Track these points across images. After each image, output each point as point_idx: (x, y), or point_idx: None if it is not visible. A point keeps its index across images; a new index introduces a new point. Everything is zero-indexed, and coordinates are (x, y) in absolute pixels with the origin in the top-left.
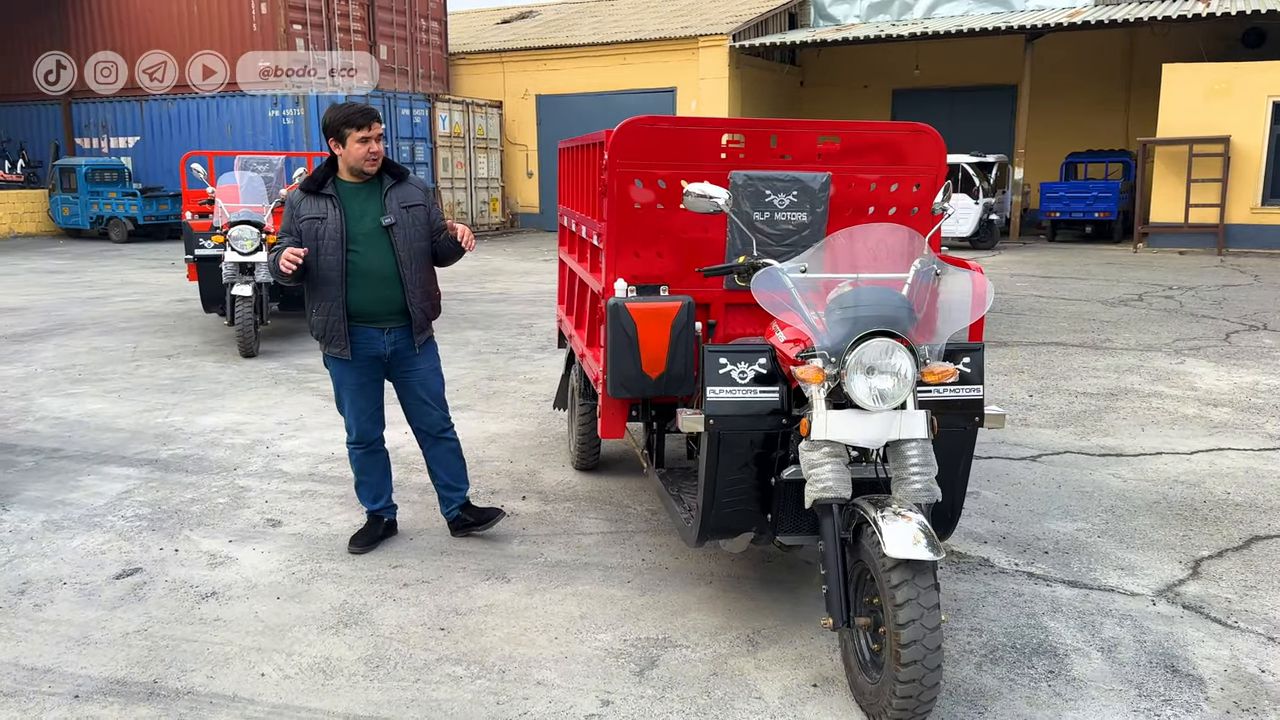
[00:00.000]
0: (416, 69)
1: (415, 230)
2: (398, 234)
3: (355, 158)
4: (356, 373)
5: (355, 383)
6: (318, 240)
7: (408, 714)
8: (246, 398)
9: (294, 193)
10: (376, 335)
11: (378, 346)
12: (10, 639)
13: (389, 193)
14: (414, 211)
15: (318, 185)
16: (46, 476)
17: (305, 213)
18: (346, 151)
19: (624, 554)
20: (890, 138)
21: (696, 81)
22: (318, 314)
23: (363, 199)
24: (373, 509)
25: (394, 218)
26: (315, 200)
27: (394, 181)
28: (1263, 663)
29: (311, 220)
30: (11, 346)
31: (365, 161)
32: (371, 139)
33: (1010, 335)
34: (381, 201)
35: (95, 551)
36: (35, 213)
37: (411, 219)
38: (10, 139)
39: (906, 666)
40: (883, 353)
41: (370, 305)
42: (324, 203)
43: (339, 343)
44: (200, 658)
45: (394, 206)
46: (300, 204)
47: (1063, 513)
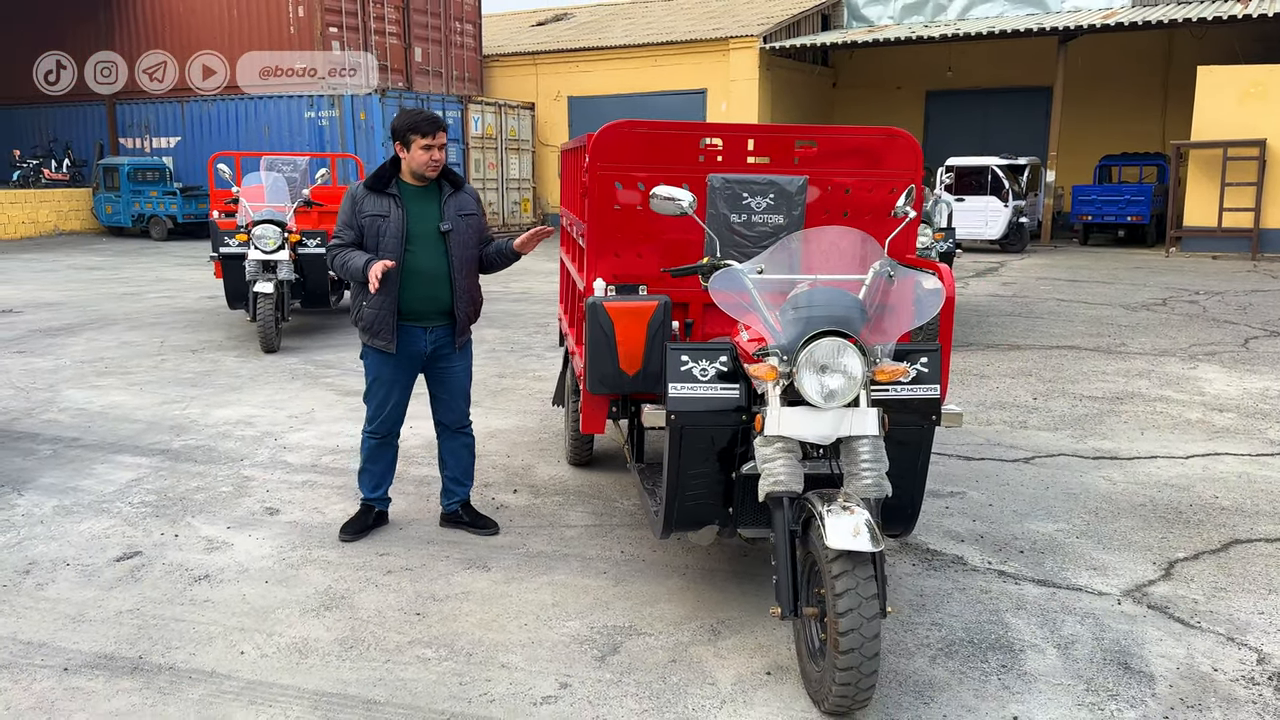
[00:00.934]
0: (451, 71)
1: (468, 237)
2: (453, 240)
3: (418, 163)
4: (394, 367)
5: (391, 377)
6: (379, 237)
7: (374, 692)
8: (263, 392)
9: (357, 187)
10: (420, 333)
11: (419, 344)
12: (10, 615)
13: (447, 200)
14: (468, 220)
15: (383, 184)
16: (63, 464)
17: (369, 209)
18: (410, 156)
19: (604, 546)
20: (866, 142)
21: (727, 83)
22: (369, 306)
23: (424, 202)
24: (369, 497)
25: (451, 224)
26: (379, 198)
27: (452, 190)
28: (1217, 662)
29: (374, 217)
30: (45, 340)
31: (427, 167)
32: (435, 147)
33: (1024, 339)
34: (440, 207)
35: (100, 535)
36: (80, 211)
37: (466, 226)
38: (57, 139)
39: (844, 654)
40: (833, 352)
41: (419, 304)
42: (388, 201)
43: (385, 336)
44: (186, 636)
45: (451, 214)
46: (364, 200)
47: (1045, 514)
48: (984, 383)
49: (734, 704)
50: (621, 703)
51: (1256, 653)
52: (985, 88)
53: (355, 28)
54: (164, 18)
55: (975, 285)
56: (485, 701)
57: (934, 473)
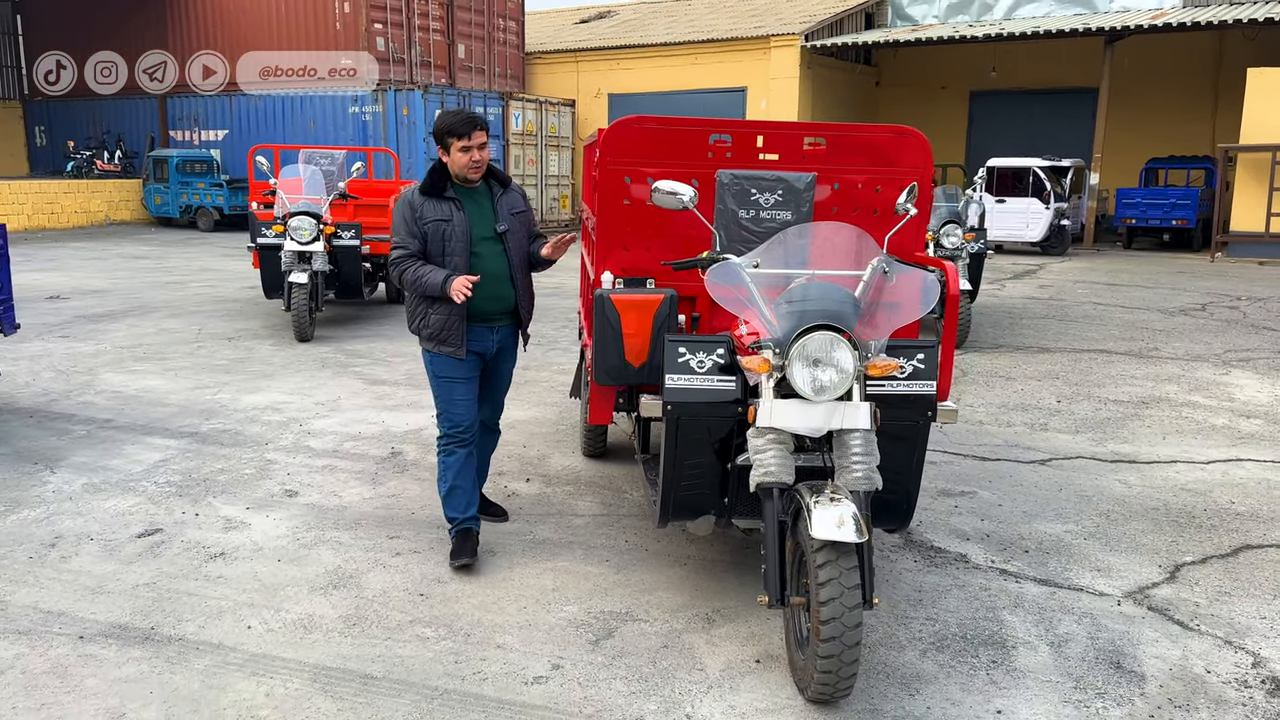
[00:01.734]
0: (493, 68)
1: (521, 236)
2: (510, 239)
3: (458, 165)
4: (466, 367)
5: (465, 376)
6: (444, 242)
7: (371, 667)
8: (293, 379)
9: (412, 194)
10: (487, 333)
11: (487, 343)
12: (35, 585)
13: (500, 200)
14: (520, 218)
15: (439, 189)
16: (95, 444)
17: (430, 215)
18: (451, 160)
19: (610, 535)
20: (877, 139)
21: (767, 81)
22: (435, 314)
23: (477, 204)
24: (463, 518)
25: (507, 224)
26: (438, 203)
27: (501, 189)
28: (1211, 664)
29: (437, 223)
30: (89, 326)
31: (468, 169)
32: (474, 148)
33: (1055, 342)
34: (493, 208)
35: (124, 512)
36: (130, 201)
37: (519, 225)
38: (110, 131)
39: (826, 643)
40: (824, 346)
41: (487, 305)
42: (448, 205)
43: (455, 342)
44: (197, 610)
45: (505, 213)
46: (422, 206)
47: (1055, 515)
48: (1009, 385)
49: (720, 689)
50: (610, 685)
51: (1253, 656)
52: (1030, 88)
53: (400, 24)
54: (215, 17)
55: (1011, 287)
56: (478, 680)
57: (947, 472)
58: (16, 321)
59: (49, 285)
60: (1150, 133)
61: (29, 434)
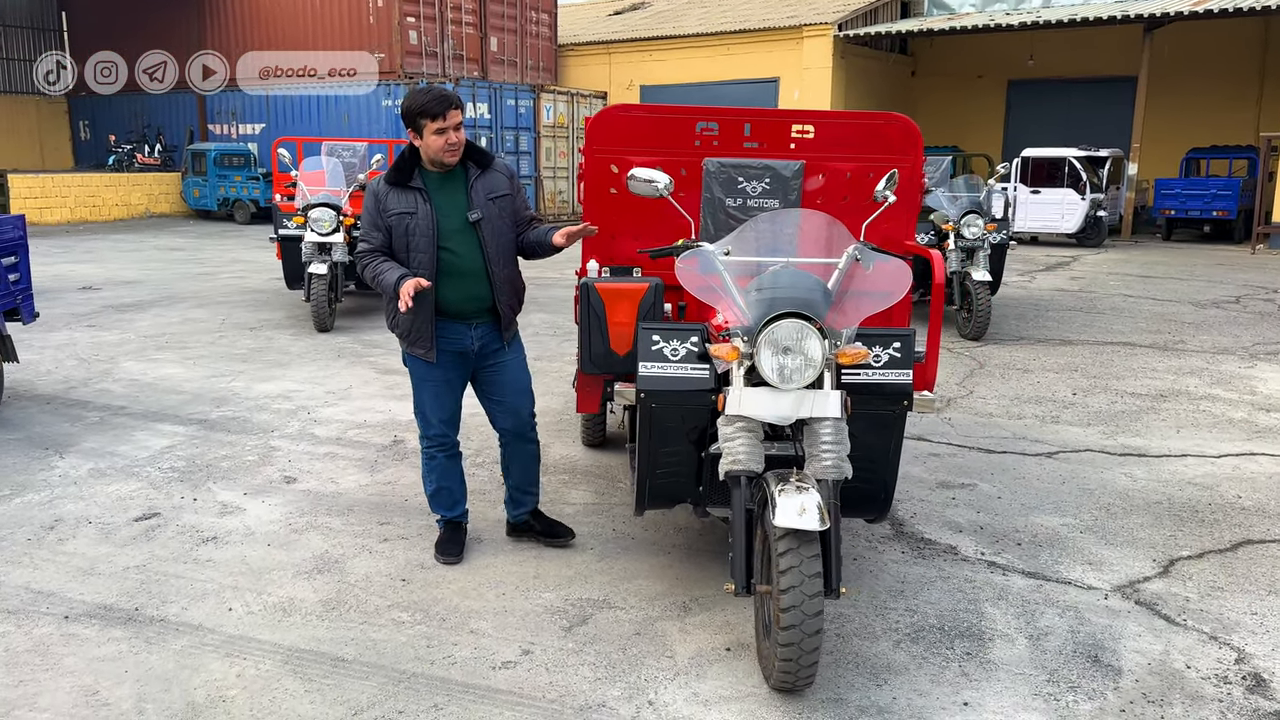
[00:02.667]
0: (525, 60)
1: (502, 223)
2: (485, 229)
3: (434, 149)
4: (442, 369)
5: (441, 378)
6: (408, 237)
7: (344, 650)
8: (307, 368)
9: (377, 184)
10: (464, 330)
11: (464, 342)
12: (29, 566)
13: (474, 184)
14: (500, 203)
15: (404, 177)
16: (106, 430)
17: (393, 207)
18: (424, 143)
19: (598, 524)
20: (864, 127)
21: (800, 71)
22: (402, 315)
23: (449, 191)
24: (450, 516)
25: (481, 212)
26: (402, 193)
27: (479, 171)
28: (1192, 659)
29: (401, 215)
30: (116, 315)
31: (444, 153)
32: (449, 129)
33: (1079, 334)
34: (467, 194)
35: (124, 497)
36: (170, 194)
37: (498, 210)
38: (150, 125)
39: (785, 630)
40: (792, 334)
41: (459, 303)
42: (412, 196)
43: (424, 344)
44: (182, 592)
45: (480, 199)
46: (386, 197)
47: (1054, 508)
48: (1025, 377)
49: (686, 676)
50: (577, 670)
51: (1237, 652)
52: (1068, 77)
53: (432, 17)
54: (254, 16)
55: (1042, 279)
56: (447, 664)
57: (950, 464)
58: (36, 310)
59: (83, 276)
60: (1192, 122)
61: (44, 420)
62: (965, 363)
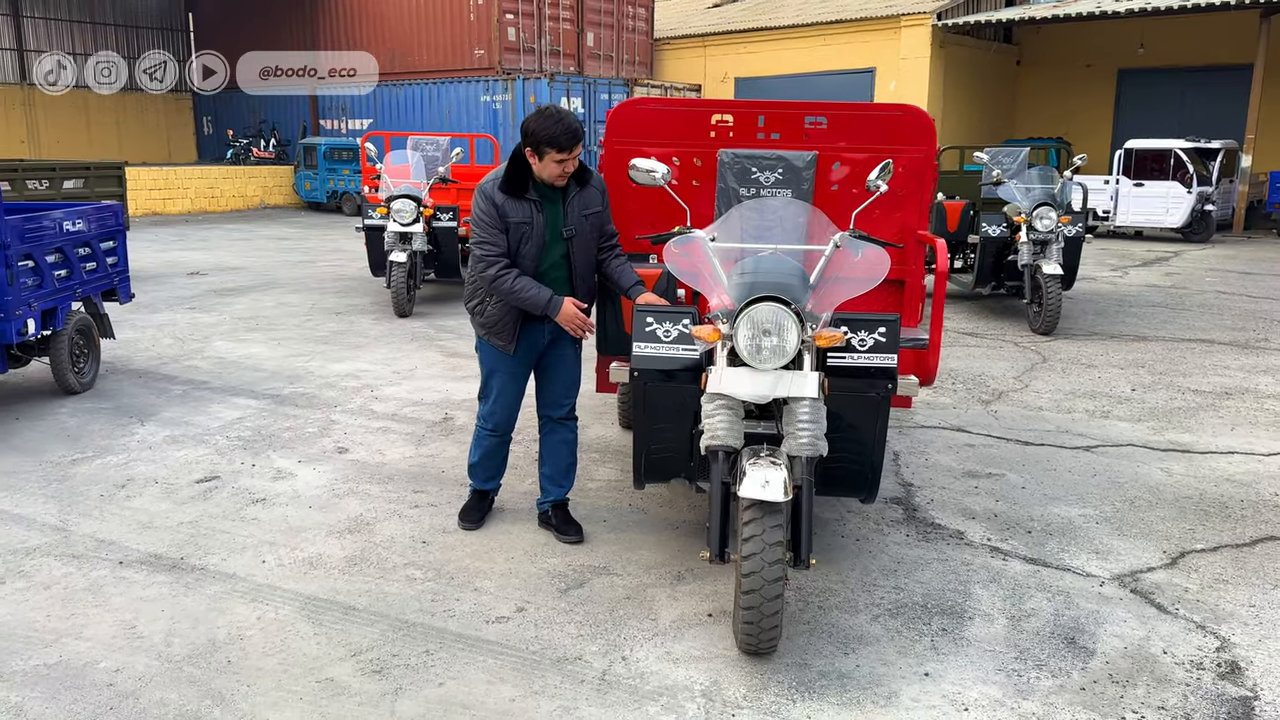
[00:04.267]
0: (621, 54)
1: (590, 237)
2: (576, 244)
3: (549, 174)
4: (513, 362)
5: (510, 371)
6: (520, 244)
7: (357, 600)
8: (381, 351)
9: (492, 189)
10: (540, 328)
11: (538, 338)
12: (98, 518)
13: (572, 200)
14: (591, 219)
15: (520, 189)
16: (186, 402)
17: (513, 216)
18: (541, 166)
19: (617, 499)
20: (878, 118)
21: (897, 62)
22: (493, 307)
23: (552, 203)
24: (481, 488)
25: (574, 228)
26: (519, 203)
27: (578, 188)
28: (1172, 646)
29: (519, 224)
30: (216, 299)
31: (557, 179)
32: (569, 160)
33: (1156, 330)
34: (563, 209)
35: (191, 461)
36: (283, 186)
37: (589, 228)
38: (266, 120)
39: (746, 595)
40: (768, 316)
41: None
42: (528, 207)
43: (506, 337)
44: (224, 545)
45: (575, 216)
46: (504, 205)
47: (1077, 499)
48: (1087, 372)
49: (664, 637)
50: (564, 628)
51: (1221, 641)
52: (1181, 66)
53: (530, 14)
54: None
55: (1135, 275)
56: (446, 616)
57: (982, 454)
58: (132, 291)
59: (193, 262)
60: None
61: (133, 392)
62: (1028, 357)
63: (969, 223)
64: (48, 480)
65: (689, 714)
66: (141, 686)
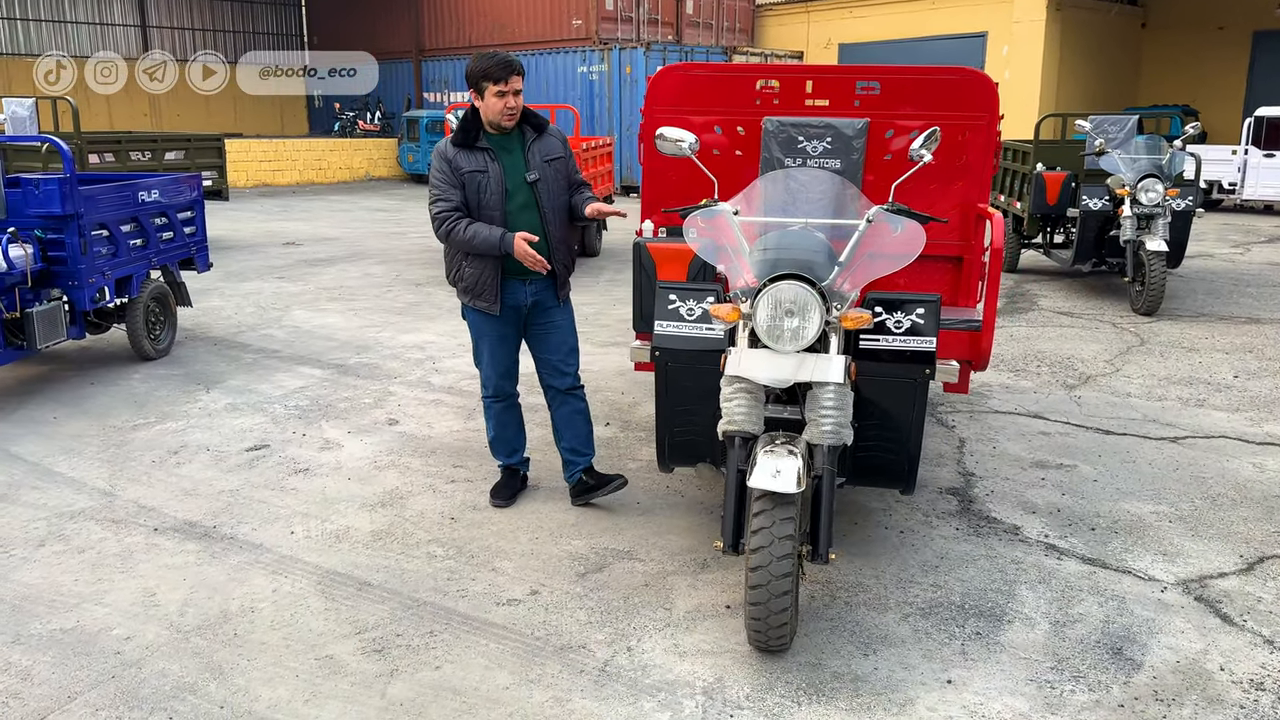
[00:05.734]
0: (721, 21)
1: (556, 184)
2: (542, 190)
3: (492, 112)
4: (499, 324)
5: (497, 334)
6: (479, 195)
7: (374, 576)
8: (451, 323)
9: (444, 145)
10: (520, 286)
11: (520, 297)
12: (145, 484)
13: (531, 146)
14: (555, 165)
15: (470, 138)
16: (254, 370)
17: (465, 166)
18: (485, 105)
19: (655, 480)
20: (935, 82)
21: (1010, 25)
22: (470, 267)
23: (509, 152)
24: (507, 463)
25: (538, 173)
26: (471, 154)
27: (535, 134)
28: (1231, 662)
29: (473, 174)
30: (306, 269)
31: (502, 116)
32: (509, 93)
33: (1274, 313)
34: (524, 156)
35: (245, 429)
36: (387, 159)
37: (553, 173)
38: (372, 93)
39: (753, 590)
40: (789, 295)
41: (518, 261)
42: (481, 156)
43: (488, 297)
44: (258, 515)
45: (537, 161)
46: (456, 157)
47: (1152, 495)
48: (1188, 356)
49: (675, 628)
50: (574, 614)
51: None
52: None
53: None
54: None
55: (1257, 252)
56: (458, 596)
57: (1058, 443)
58: (210, 261)
59: (290, 233)
60: None
61: (205, 359)
62: (1125, 339)
63: (1070, 195)
64: (107, 445)
65: (686, 712)
66: (147, 656)
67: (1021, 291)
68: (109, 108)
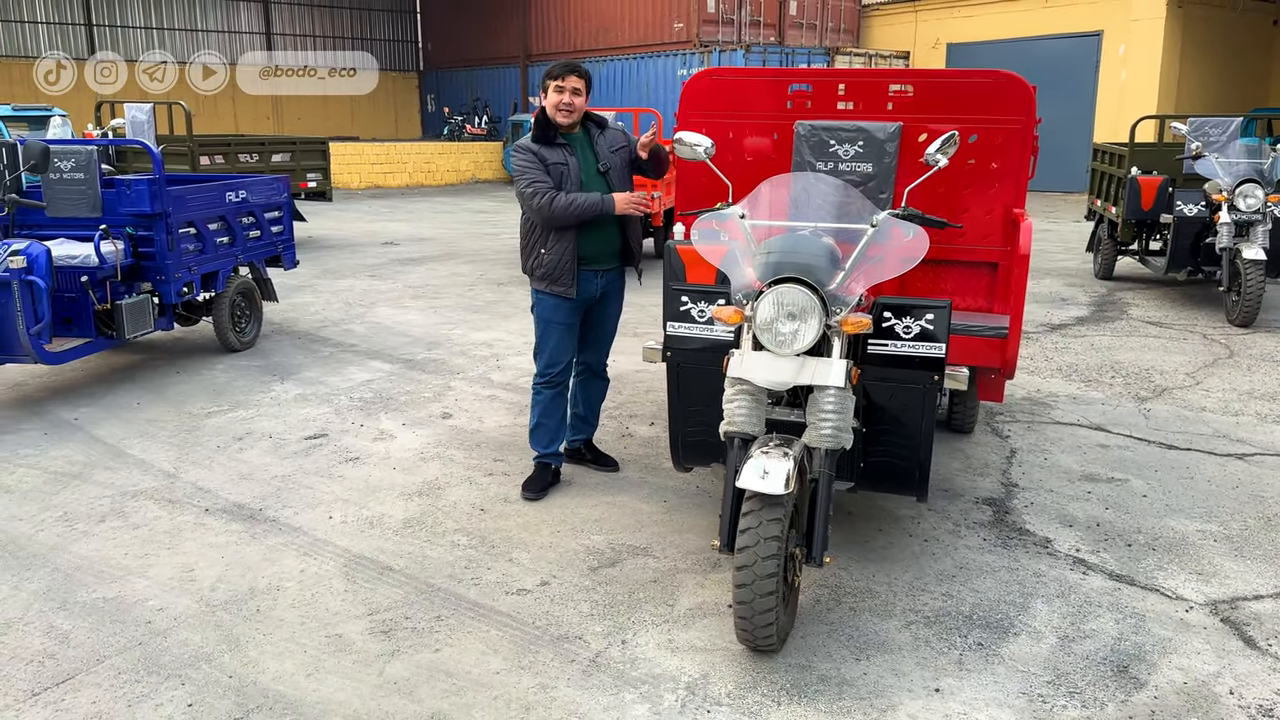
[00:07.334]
0: (826, 22)
1: (624, 173)
2: (614, 179)
3: (550, 105)
4: (569, 312)
5: (566, 322)
6: (561, 184)
7: (396, 561)
8: (522, 322)
9: (527, 144)
10: (592, 277)
11: (592, 288)
12: (207, 468)
13: (598, 140)
14: (620, 154)
15: (549, 135)
16: (328, 363)
17: (550, 158)
18: (548, 103)
19: (686, 480)
20: (970, 85)
21: (1127, 24)
22: (549, 254)
23: (581, 146)
24: (544, 453)
25: (607, 164)
26: (552, 149)
27: (599, 130)
28: (1243, 686)
29: (557, 165)
30: (398, 268)
31: (557, 110)
32: (566, 90)
33: None
34: (593, 149)
35: (308, 419)
36: (493, 162)
37: (620, 162)
38: (479, 97)
39: (739, 588)
40: (788, 300)
41: (595, 247)
42: (560, 151)
43: (565, 282)
44: (303, 500)
45: (605, 153)
46: (540, 151)
47: (1203, 512)
48: (1276, 370)
49: (673, 625)
50: (577, 606)
51: None
52: None
53: None
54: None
55: None
56: (471, 583)
57: (1115, 456)
58: (296, 259)
59: (390, 233)
60: None
61: (286, 351)
62: (1213, 350)
63: (1166, 200)
64: (179, 430)
65: (665, 705)
66: (174, 626)
67: (1113, 300)
68: (234, 108)
